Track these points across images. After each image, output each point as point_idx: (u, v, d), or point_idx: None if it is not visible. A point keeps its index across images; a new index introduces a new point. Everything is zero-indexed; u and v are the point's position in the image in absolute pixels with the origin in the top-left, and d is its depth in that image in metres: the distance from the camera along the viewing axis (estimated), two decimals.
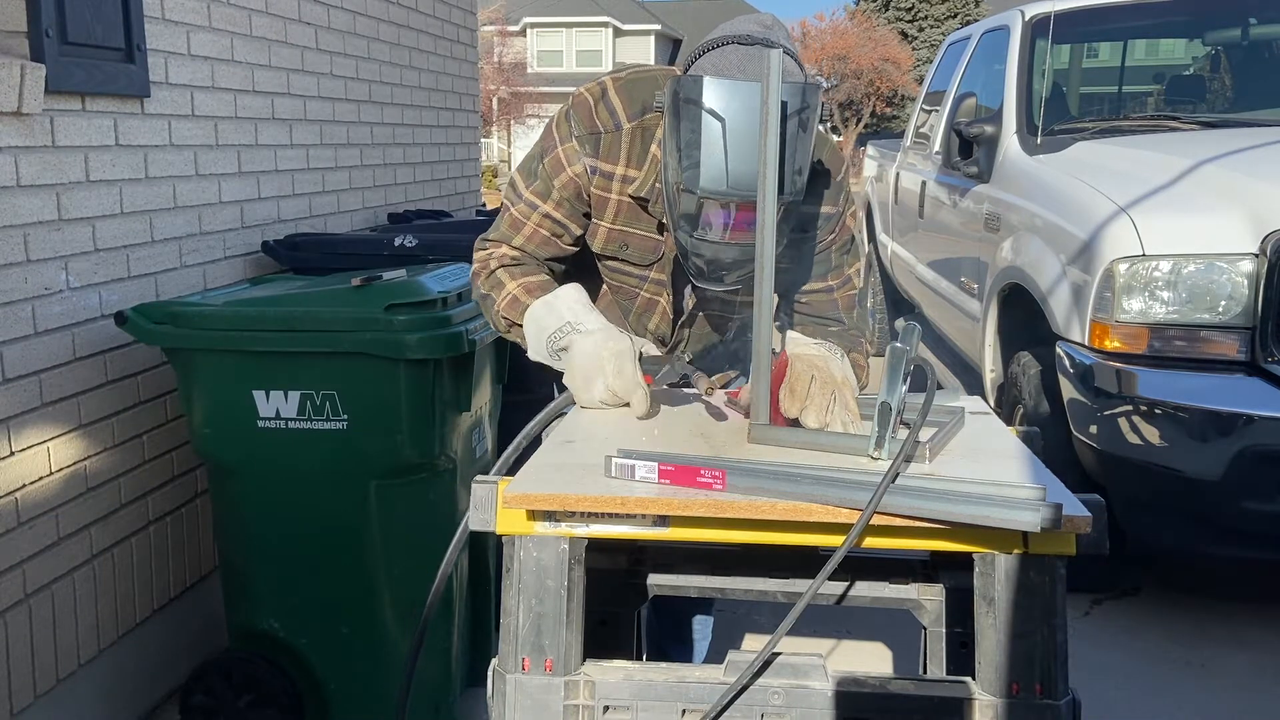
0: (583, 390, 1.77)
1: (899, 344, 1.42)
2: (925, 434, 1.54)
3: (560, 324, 1.83)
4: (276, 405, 2.43)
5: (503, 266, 1.97)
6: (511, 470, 1.55)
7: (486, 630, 2.82)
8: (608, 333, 1.79)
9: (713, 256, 1.73)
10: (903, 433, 1.46)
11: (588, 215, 1.97)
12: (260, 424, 2.43)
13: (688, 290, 2.04)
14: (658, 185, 1.85)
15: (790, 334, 1.87)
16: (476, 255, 2.02)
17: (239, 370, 2.42)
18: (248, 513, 2.54)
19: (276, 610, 2.56)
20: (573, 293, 1.89)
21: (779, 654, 1.42)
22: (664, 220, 1.89)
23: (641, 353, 1.78)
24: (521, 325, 1.90)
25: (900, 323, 1.99)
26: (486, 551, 2.81)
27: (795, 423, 1.62)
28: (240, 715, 2.56)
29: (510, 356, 2.86)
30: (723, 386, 1.77)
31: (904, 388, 1.42)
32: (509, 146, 36.33)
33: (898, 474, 1.34)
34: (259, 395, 2.43)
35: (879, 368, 1.52)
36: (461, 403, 2.56)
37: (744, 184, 1.60)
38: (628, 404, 1.74)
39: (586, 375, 1.76)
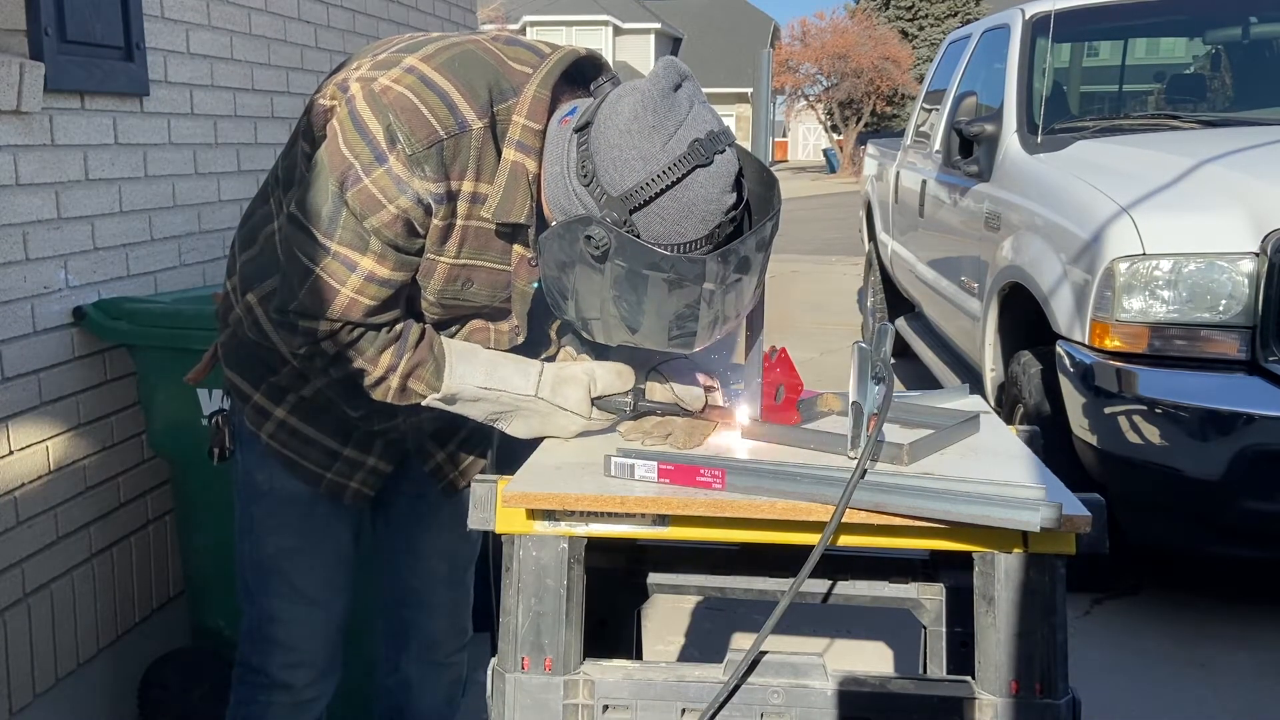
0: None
1: (863, 344, 1.42)
2: (921, 434, 1.54)
3: (487, 414, 1.60)
4: (218, 403, 2.43)
5: (340, 350, 1.51)
6: (501, 469, 1.55)
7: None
8: (545, 415, 1.58)
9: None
10: (906, 434, 1.46)
11: (420, 252, 1.51)
12: (204, 421, 2.43)
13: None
14: (526, 220, 1.48)
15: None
16: (284, 336, 1.55)
17: (183, 367, 2.43)
18: (194, 510, 2.57)
19: (222, 608, 2.57)
20: (469, 371, 1.56)
21: (778, 652, 1.42)
22: (523, 251, 1.55)
23: (595, 400, 1.59)
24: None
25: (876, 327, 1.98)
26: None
27: (791, 421, 1.62)
28: (193, 708, 2.60)
29: None
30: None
31: (874, 387, 1.42)
32: None
33: (865, 471, 1.34)
34: (201, 393, 2.46)
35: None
36: None
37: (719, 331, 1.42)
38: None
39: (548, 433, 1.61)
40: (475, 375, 1.57)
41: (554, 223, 1.44)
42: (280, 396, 1.71)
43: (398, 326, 1.54)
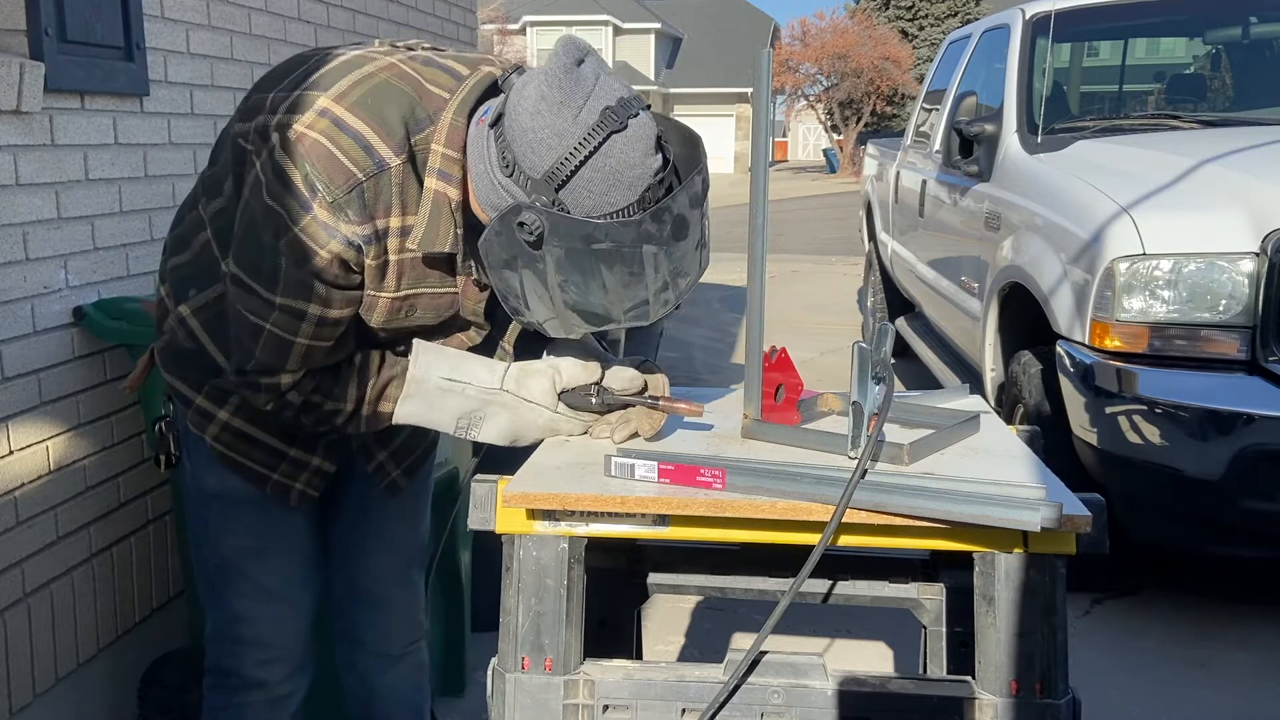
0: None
1: (863, 344, 1.42)
2: (921, 434, 1.54)
3: (456, 417, 1.58)
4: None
5: (305, 401, 1.54)
6: (489, 466, 1.55)
7: (460, 635, 2.77)
8: (513, 410, 1.57)
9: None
10: (906, 434, 1.46)
11: (362, 285, 1.51)
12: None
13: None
14: (452, 247, 1.48)
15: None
16: (249, 395, 1.57)
17: None
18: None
19: None
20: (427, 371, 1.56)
21: (778, 652, 1.42)
22: (467, 271, 1.55)
23: (562, 393, 1.59)
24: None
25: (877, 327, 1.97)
26: (458, 552, 2.75)
27: (789, 420, 1.62)
28: (193, 708, 2.59)
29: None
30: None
31: (875, 387, 1.42)
32: None
33: (865, 471, 1.34)
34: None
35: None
36: None
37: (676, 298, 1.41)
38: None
39: (517, 440, 1.61)
40: (440, 366, 1.57)
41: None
42: (223, 399, 1.68)
43: (356, 357, 1.56)
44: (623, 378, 1.60)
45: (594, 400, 1.59)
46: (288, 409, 1.55)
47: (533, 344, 1.68)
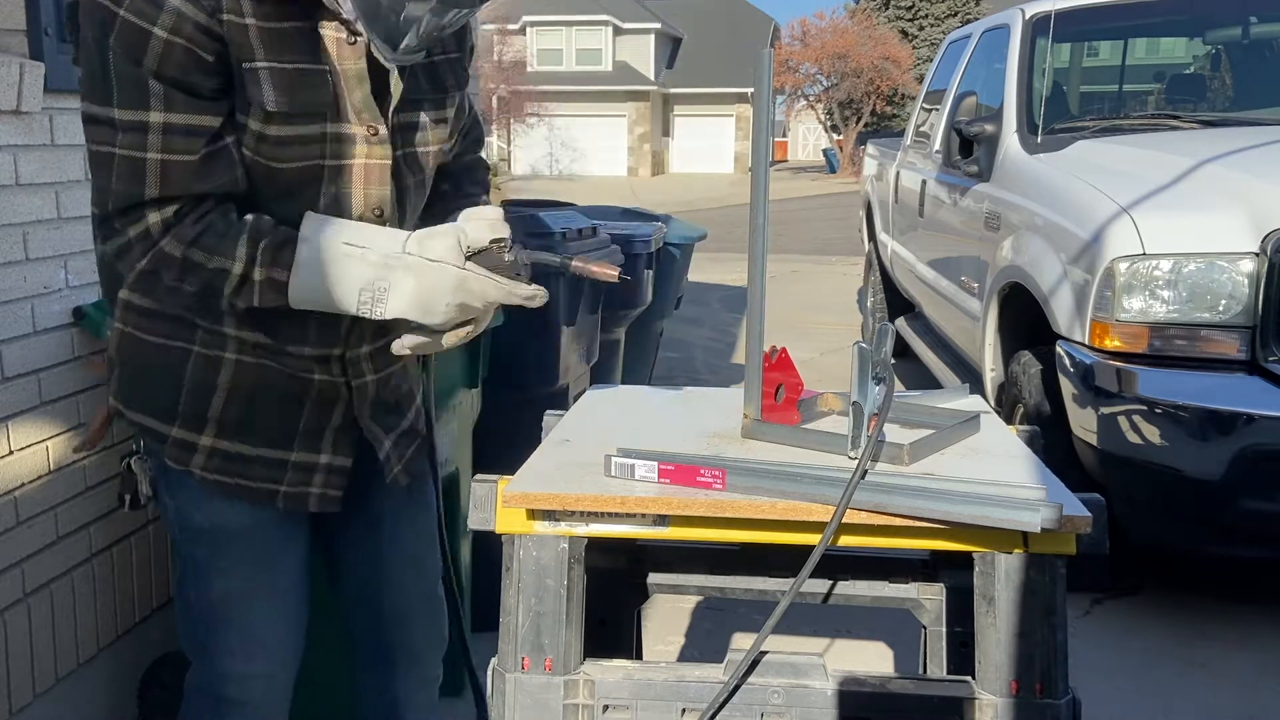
0: (432, 319, 1.49)
1: (863, 344, 1.42)
2: (921, 434, 1.54)
3: (359, 288, 1.44)
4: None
5: (186, 251, 1.38)
6: (488, 466, 1.54)
7: (460, 636, 2.77)
8: (419, 273, 1.44)
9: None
10: (906, 434, 1.46)
11: (222, 90, 1.36)
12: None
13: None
14: None
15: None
16: (124, 261, 1.43)
17: None
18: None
19: None
20: (326, 233, 1.43)
21: (778, 652, 1.42)
22: (332, 32, 1.42)
23: (470, 253, 1.47)
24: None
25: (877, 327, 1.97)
26: (457, 552, 2.74)
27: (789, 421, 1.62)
28: None
29: (492, 349, 2.77)
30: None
31: (875, 387, 1.42)
32: (509, 145, 36.34)
33: (865, 471, 1.34)
34: None
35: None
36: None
37: None
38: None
39: (428, 310, 1.48)
40: (340, 233, 1.43)
41: None
42: (200, 422, 1.55)
43: (247, 216, 1.42)
44: (482, 222, 1.49)
45: (508, 258, 1.48)
46: (167, 266, 1.39)
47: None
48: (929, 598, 1.74)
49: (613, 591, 1.79)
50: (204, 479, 1.58)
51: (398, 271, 1.44)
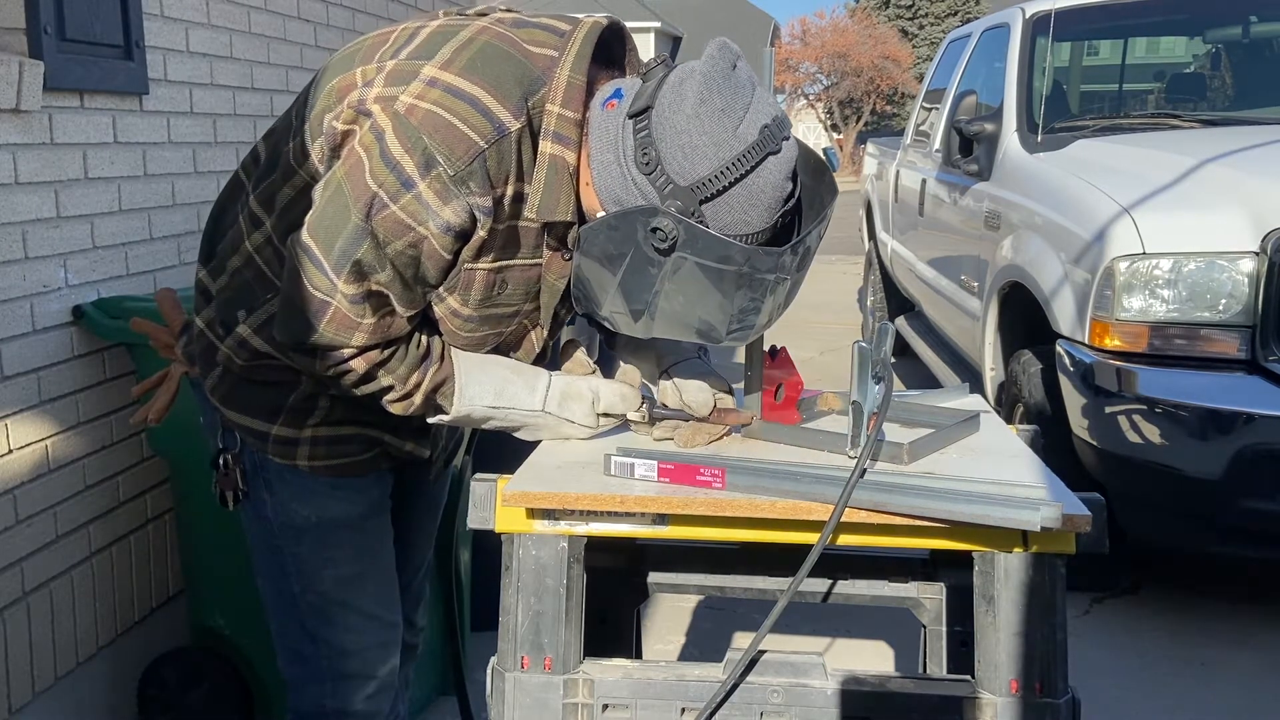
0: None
1: (863, 344, 1.42)
2: (921, 434, 1.54)
3: (497, 428, 1.58)
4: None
5: (369, 369, 1.45)
6: (488, 466, 1.55)
7: (457, 635, 2.77)
8: (553, 428, 1.57)
9: None
10: (906, 433, 1.46)
11: (426, 292, 1.46)
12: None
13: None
14: (569, 219, 1.41)
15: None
16: (304, 363, 1.48)
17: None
18: (193, 510, 2.55)
19: (223, 608, 2.57)
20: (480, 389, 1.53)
21: (778, 651, 1.42)
22: (554, 246, 1.48)
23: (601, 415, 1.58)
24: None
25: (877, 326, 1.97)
26: (457, 551, 2.73)
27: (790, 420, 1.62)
28: (192, 708, 2.61)
29: None
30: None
31: (874, 386, 1.42)
32: None
33: (865, 471, 1.34)
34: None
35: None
36: None
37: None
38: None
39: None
40: (485, 395, 1.53)
41: (601, 214, 1.37)
42: (303, 419, 1.58)
43: (424, 342, 1.49)
44: (700, 401, 1.56)
45: (634, 418, 1.58)
46: (348, 375, 1.45)
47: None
48: (929, 597, 1.74)
49: (612, 591, 1.78)
50: (312, 468, 1.60)
51: (533, 425, 1.58)
